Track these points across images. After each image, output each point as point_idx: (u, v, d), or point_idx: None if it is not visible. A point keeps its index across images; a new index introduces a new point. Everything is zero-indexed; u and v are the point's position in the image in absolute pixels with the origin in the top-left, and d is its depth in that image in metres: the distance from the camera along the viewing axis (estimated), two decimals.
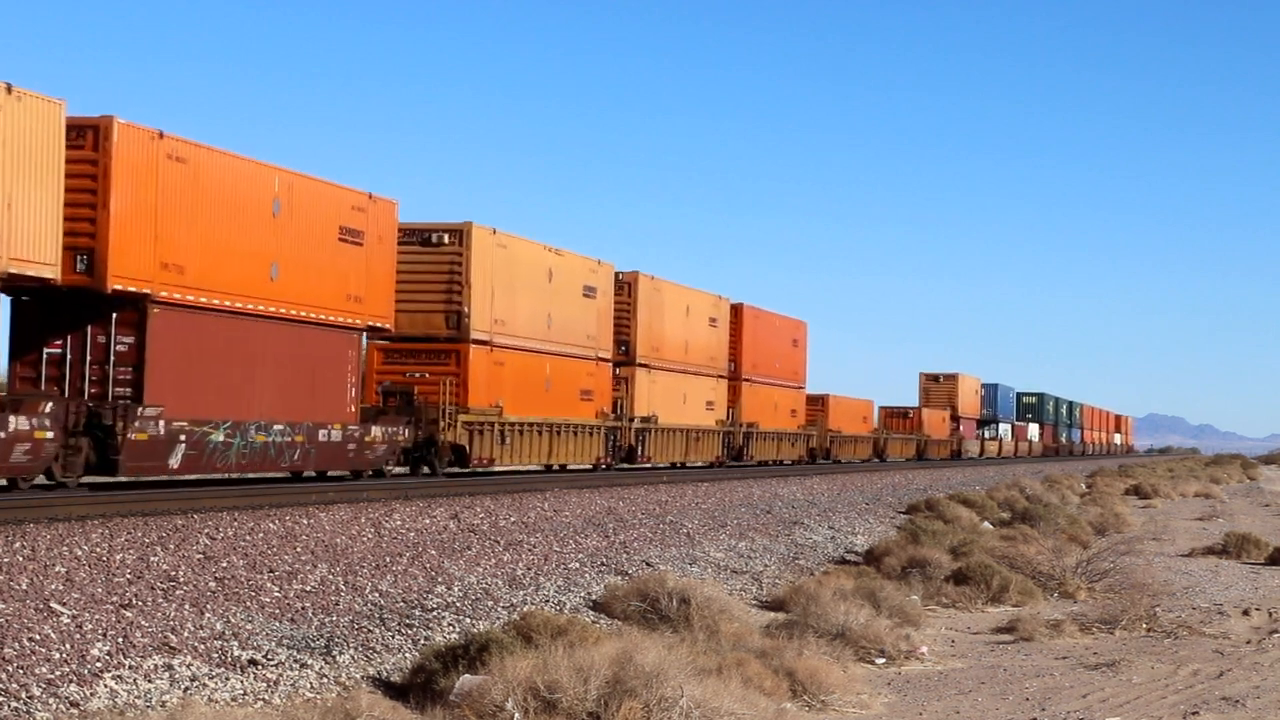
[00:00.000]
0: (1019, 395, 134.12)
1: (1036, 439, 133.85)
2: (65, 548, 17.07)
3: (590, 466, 45.50)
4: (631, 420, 48.45)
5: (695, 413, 54.75)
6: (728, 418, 58.21)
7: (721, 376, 57.92)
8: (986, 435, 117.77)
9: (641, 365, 49.78)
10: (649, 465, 50.36)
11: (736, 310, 59.90)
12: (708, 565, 24.98)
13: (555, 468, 44.09)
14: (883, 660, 18.24)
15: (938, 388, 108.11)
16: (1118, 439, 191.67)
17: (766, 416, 63.31)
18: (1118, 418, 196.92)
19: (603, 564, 22.69)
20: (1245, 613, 23.87)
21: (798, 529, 32.70)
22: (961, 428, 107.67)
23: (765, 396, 63.21)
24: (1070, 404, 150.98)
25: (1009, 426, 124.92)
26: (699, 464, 55.09)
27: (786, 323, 67.46)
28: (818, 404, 75.87)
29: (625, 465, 48.44)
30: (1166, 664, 18.48)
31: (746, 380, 60.26)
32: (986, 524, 38.25)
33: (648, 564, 23.36)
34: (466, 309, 37.13)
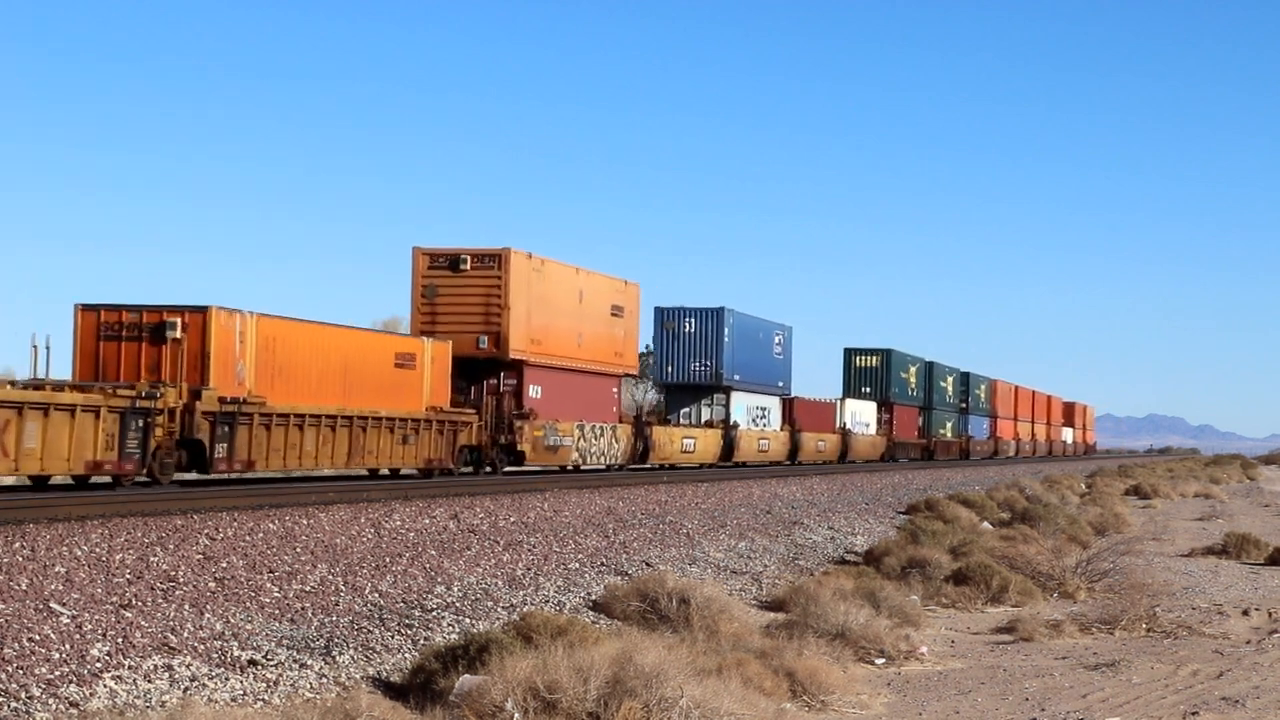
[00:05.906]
0: (850, 354, 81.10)
1: (871, 428, 78.85)
2: (65, 548, 17.07)
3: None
4: None
5: None
6: None
7: None
8: (696, 418, 59.60)
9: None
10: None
11: None
12: (707, 565, 24.99)
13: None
14: (882, 660, 18.24)
15: (455, 285, 41.49)
16: (1069, 435, 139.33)
17: None
18: (1068, 406, 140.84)
19: (602, 564, 22.71)
20: (1245, 613, 23.88)
21: (797, 529, 32.73)
22: (524, 395, 42.14)
23: None
24: (966, 376, 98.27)
25: (774, 402, 65.68)
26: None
27: None
28: None
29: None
30: (1166, 664, 18.48)
31: None
32: (986, 524, 38.28)
33: (647, 564, 23.37)
34: None
